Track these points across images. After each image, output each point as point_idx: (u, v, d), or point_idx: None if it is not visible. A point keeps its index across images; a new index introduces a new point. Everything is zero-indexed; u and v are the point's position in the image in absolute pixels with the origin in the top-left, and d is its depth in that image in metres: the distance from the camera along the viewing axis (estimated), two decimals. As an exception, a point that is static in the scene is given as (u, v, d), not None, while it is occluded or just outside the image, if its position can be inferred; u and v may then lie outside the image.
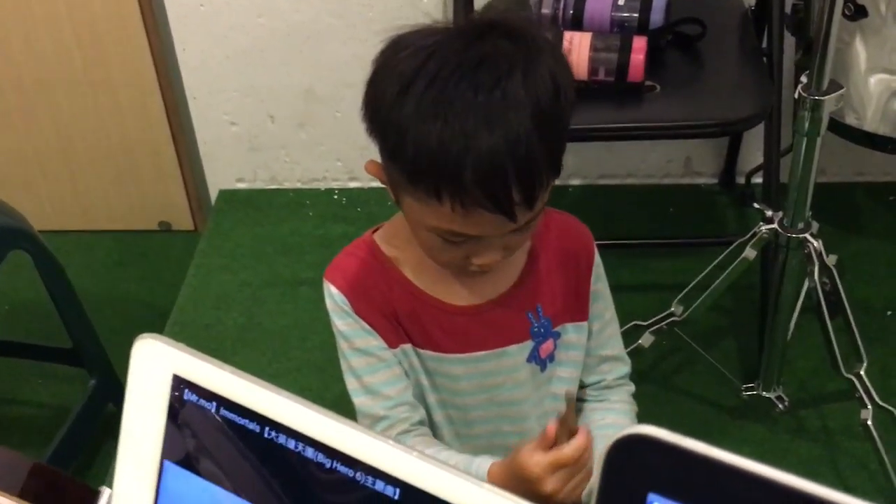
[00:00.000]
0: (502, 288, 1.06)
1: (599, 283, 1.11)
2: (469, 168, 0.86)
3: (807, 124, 1.31)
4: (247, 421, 0.47)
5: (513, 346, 1.07)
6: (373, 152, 0.96)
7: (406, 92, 0.87)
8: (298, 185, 2.30)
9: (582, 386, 1.15)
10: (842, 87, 1.29)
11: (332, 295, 1.05)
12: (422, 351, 1.06)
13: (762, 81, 1.62)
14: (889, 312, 1.88)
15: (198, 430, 0.49)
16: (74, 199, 2.29)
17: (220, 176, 2.30)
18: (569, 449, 0.93)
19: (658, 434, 0.34)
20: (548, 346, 1.08)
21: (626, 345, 1.66)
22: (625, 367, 1.17)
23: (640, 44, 1.54)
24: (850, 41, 1.59)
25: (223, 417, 0.48)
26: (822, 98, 1.28)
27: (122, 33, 2.06)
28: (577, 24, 1.63)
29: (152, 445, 0.50)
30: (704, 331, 1.80)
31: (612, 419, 1.13)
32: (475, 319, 1.05)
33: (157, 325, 2.03)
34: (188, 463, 0.49)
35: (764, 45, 1.75)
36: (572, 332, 1.10)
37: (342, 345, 1.06)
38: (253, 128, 2.22)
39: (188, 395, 0.49)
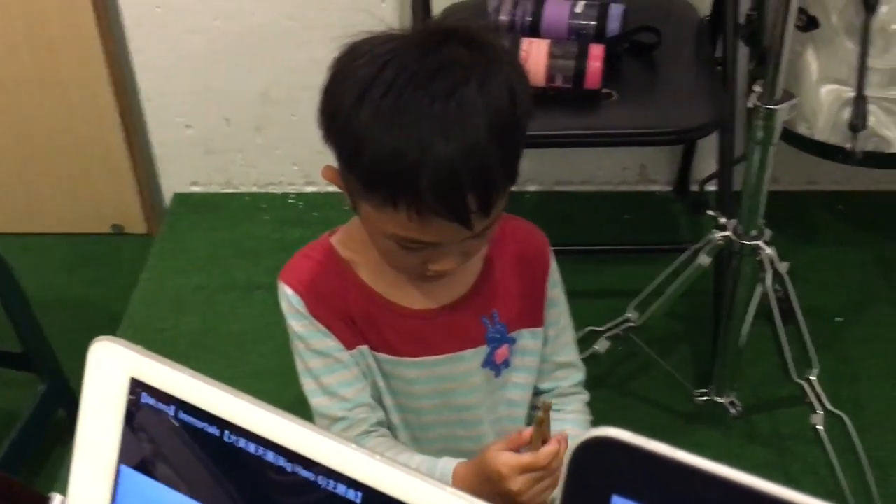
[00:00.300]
0: (458, 293, 1.06)
1: (555, 290, 1.12)
2: (425, 176, 0.86)
3: (761, 133, 1.33)
4: (206, 424, 0.46)
5: (468, 351, 1.07)
6: (330, 157, 0.95)
7: (362, 99, 0.87)
8: (254, 189, 2.28)
9: (537, 392, 1.15)
10: (795, 97, 1.31)
11: (288, 296, 1.04)
12: (378, 354, 1.05)
13: (717, 90, 1.64)
14: (838, 319, 1.91)
15: (156, 433, 0.48)
16: (25, 201, 2.26)
17: (175, 179, 2.28)
18: (542, 455, 0.94)
19: (622, 436, 0.34)
20: (503, 351, 1.09)
21: (582, 350, 1.66)
22: (580, 374, 1.18)
23: (597, 51, 1.55)
24: (801, 52, 1.62)
25: (182, 421, 0.47)
26: (775, 107, 1.30)
27: (75, 34, 2.04)
28: (534, 30, 1.64)
29: (109, 449, 0.49)
30: (659, 336, 1.81)
31: (568, 430, 1.14)
32: (431, 324, 1.05)
33: (109, 329, 2.00)
34: (145, 467, 0.48)
35: (718, 54, 1.77)
36: (528, 338, 1.10)
37: (298, 346, 1.05)
38: (208, 131, 2.20)
39: (146, 399, 0.48)
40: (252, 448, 0.45)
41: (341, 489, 0.43)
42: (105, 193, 2.24)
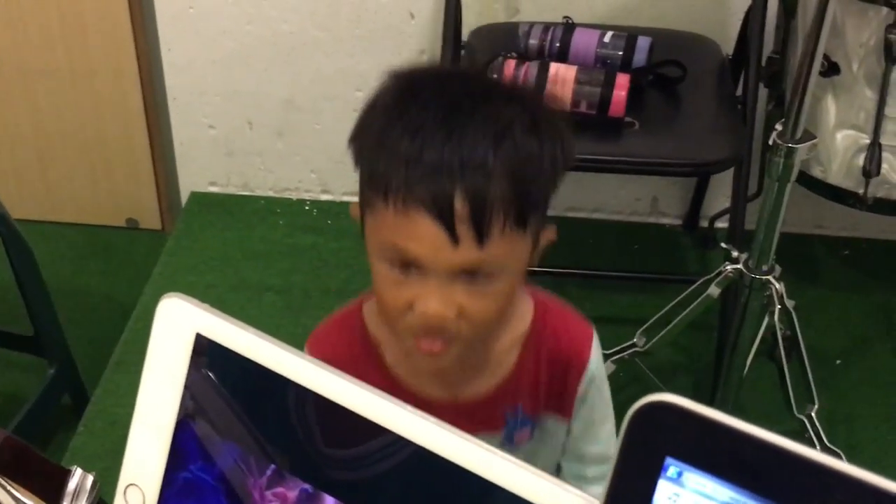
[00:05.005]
0: (483, 388, 1.00)
1: (591, 386, 1.04)
2: (416, 162, 0.83)
3: (779, 170, 1.36)
4: (270, 383, 0.49)
5: (483, 433, 0.96)
6: (348, 166, 0.96)
7: (380, 105, 0.89)
8: (270, 194, 2.31)
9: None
10: (815, 137, 1.34)
11: None
12: None
13: (736, 128, 1.68)
14: (838, 361, 1.94)
15: (218, 390, 0.50)
16: (43, 189, 2.28)
17: (194, 178, 2.31)
18: None
19: (678, 402, 0.37)
20: (523, 434, 1.04)
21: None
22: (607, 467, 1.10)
23: (623, 80, 1.59)
24: (821, 97, 1.65)
25: (246, 379, 0.49)
26: (795, 146, 1.33)
27: (108, 28, 2.07)
28: (562, 56, 1.68)
29: (170, 403, 0.51)
30: (661, 365, 1.84)
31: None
32: (449, 412, 0.95)
33: (117, 321, 2.02)
34: (207, 422, 0.50)
35: (738, 93, 1.81)
36: (551, 423, 1.04)
37: None
38: (231, 132, 2.24)
39: (211, 355, 0.50)
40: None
41: (406, 453, 0.46)
42: (123, 187, 2.27)
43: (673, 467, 0.36)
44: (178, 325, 0.51)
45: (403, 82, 0.89)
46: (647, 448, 0.37)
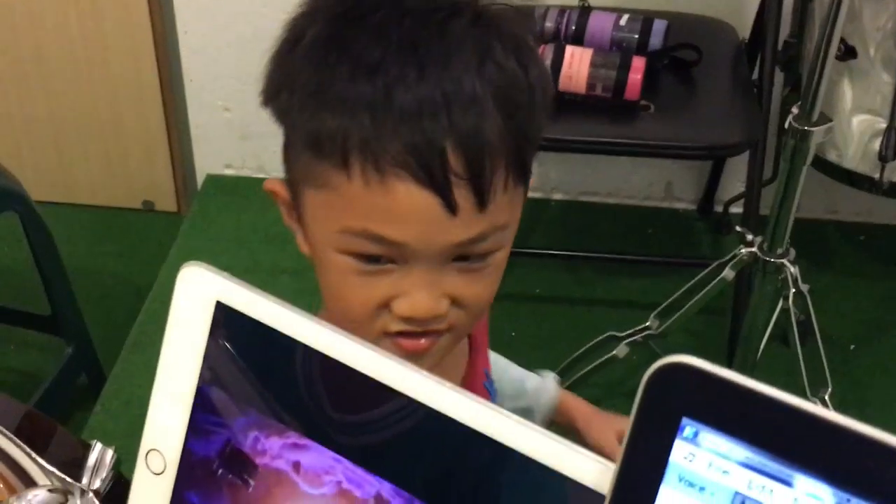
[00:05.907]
0: (461, 374, 0.82)
1: None
2: (388, 111, 0.61)
3: (794, 153, 1.36)
4: (289, 350, 0.49)
5: None
6: None
7: (300, 40, 0.68)
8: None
9: None
10: (830, 121, 1.34)
11: None
12: None
13: (751, 111, 1.68)
14: (853, 346, 1.94)
15: (238, 357, 0.51)
16: (59, 171, 2.30)
17: (209, 160, 2.32)
18: None
19: (695, 363, 0.37)
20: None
21: (601, 355, 1.70)
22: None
23: (638, 64, 1.59)
24: (837, 80, 1.65)
25: (265, 346, 0.50)
26: (811, 129, 1.33)
27: (124, 10, 2.08)
28: (578, 39, 1.68)
29: (190, 371, 0.51)
30: (675, 348, 1.81)
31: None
32: None
33: (133, 302, 2.04)
34: (226, 389, 0.51)
35: (755, 76, 1.80)
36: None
37: None
38: (246, 115, 2.24)
39: (231, 323, 0.51)
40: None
41: (423, 417, 0.46)
42: (139, 169, 2.28)
43: (689, 427, 0.37)
44: (198, 293, 0.52)
45: (338, 7, 0.68)
46: (664, 409, 0.38)
